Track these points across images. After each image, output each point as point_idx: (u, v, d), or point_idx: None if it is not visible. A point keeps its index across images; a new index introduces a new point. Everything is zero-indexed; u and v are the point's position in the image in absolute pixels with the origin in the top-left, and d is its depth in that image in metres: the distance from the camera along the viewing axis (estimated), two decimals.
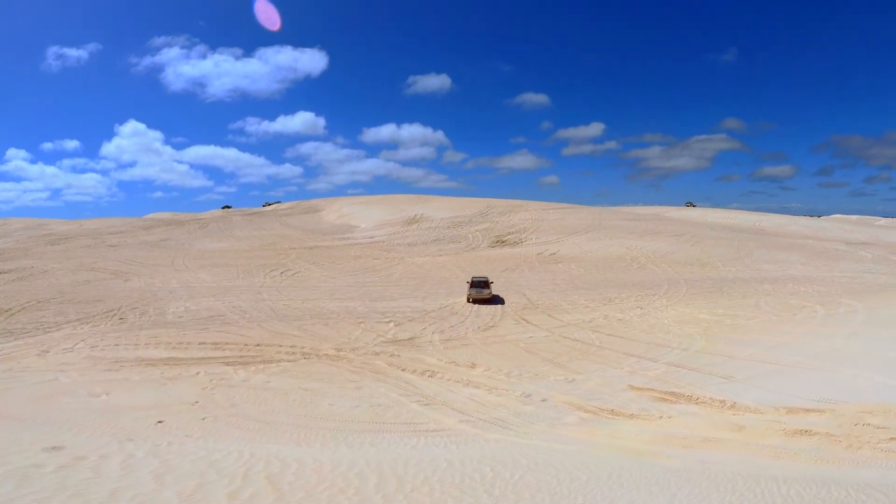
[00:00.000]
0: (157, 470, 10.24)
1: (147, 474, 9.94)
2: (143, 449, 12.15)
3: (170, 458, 11.16)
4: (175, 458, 11.24)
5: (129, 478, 9.75)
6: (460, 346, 26.65)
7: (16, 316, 33.38)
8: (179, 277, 45.40)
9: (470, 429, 15.59)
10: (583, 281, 44.35)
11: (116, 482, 9.44)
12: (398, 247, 61.24)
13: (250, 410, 16.77)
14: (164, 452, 11.78)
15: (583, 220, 71.25)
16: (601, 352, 25.45)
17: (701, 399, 18.79)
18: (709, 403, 18.37)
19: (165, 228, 74.39)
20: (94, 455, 11.29)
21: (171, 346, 26.52)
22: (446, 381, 20.73)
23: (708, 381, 20.72)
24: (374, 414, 16.76)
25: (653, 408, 18.17)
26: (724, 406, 18.02)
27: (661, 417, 17.23)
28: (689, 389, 19.76)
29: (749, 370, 21.73)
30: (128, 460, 10.93)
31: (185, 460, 11.03)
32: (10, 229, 72.10)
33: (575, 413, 17.61)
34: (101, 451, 11.69)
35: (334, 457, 11.41)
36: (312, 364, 23.47)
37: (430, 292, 40.11)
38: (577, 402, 18.53)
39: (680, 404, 18.59)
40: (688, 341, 26.50)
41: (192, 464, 10.82)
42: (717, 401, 18.43)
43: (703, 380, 20.86)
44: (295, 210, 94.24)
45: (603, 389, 20.10)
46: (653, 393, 19.68)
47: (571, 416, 17.27)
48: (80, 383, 19.83)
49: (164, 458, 11.28)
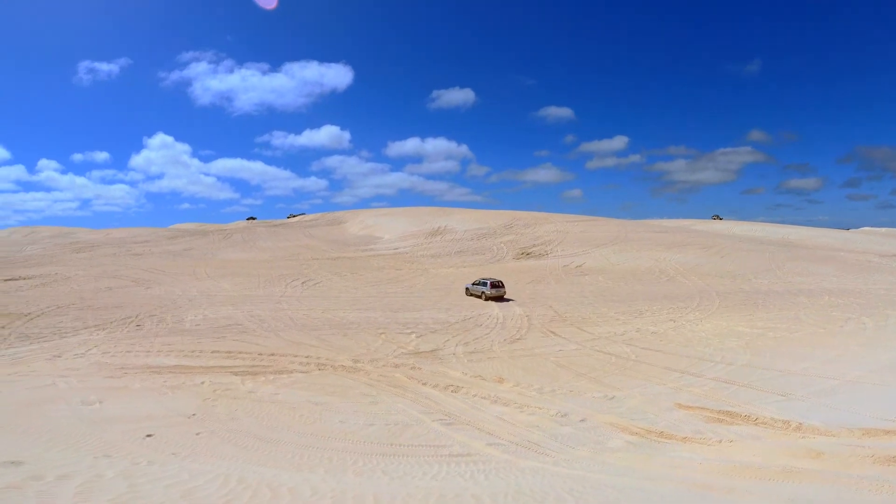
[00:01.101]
0: (118, 498, 8.19)
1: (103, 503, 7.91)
2: (116, 468, 10.13)
3: (141, 483, 9.12)
4: (147, 482, 9.20)
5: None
6: (486, 360, 24.37)
7: (35, 320, 32.13)
8: (200, 286, 43.96)
9: (500, 454, 13.26)
10: (611, 293, 42.02)
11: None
12: (422, 258, 59.30)
13: (251, 426, 14.65)
14: (138, 474, 9.74)
15: (608, 233, 68.78)
16: (639, 366, 23.01)
17: (761, 420, 16.32)
18: (770, 424, 15.97)
19: (190, 238, 73.55)
20: (53, 474, 9.30)
21: (183, 354, 24.77)
22: (472, 398, 18.42)
23: (764, 398, 18.29)
24: (390, 433, 14.48)
25: (707, 430, 15.72)
26: (789, 428, 15.59)
27: (720, 441, 14.76)
28: (745, 408, 17.28)
29: (808, 386, 19.35)
30: (90, 483, 8.91)
31: (158, 486, 8.98)
32: (39, 237, 72.10)
33: (619, 435, 15.21)
34: (65, 470, 9.71)
35: (338, 487, 9.25)
36: (326, 376, 21.37)
37: (454, 304, 37.99)
38: (620, 423, 16.13)
39: (737, 425, 16.11)
40: (731, 355, 24.07)
41: (164, 491, 8.76)
42: (780, 421, 16.03)
43: (758, 397, 18.42)
44: (319, 221, 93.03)
45: (647, 408, 17.68)
46: (704, 412, 17.21)
47: (616, 440, 14.87)
48: (77, 390, 17.99)
49: (135, 481, 9.25)
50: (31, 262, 52.94)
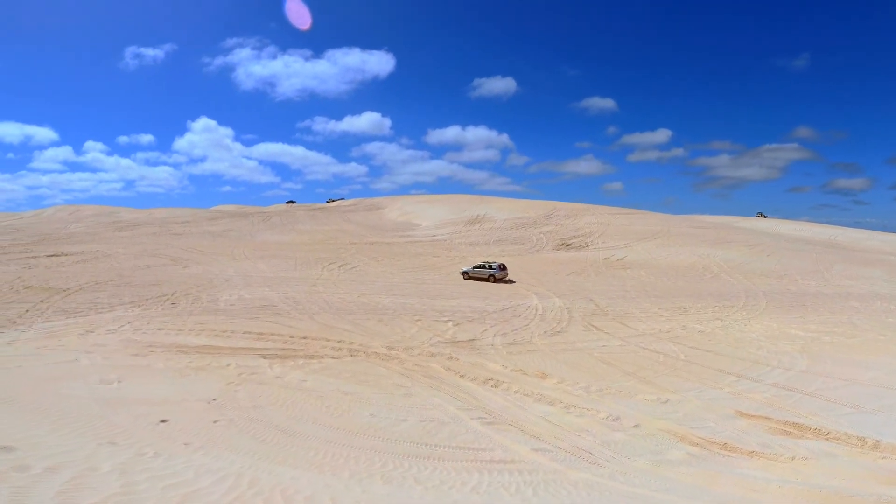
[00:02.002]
0: (104, 502, 6.89)
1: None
2: (115, 459, 8.89)
3: (137, 481, 7.82)
4: (145, 480, 7.90)
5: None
6: (526, 353, 22.69)
7: (73, 295, 31.87)
8: (237, 266, 43.40)
9: (547, 461, 11.61)
10: (653, 288, 39.81)
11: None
12: (460, 246, 57.73)
13: (274, 415, 13.34)
14: (138, 469, 8.46)
15: (651, 226, 65.95)
16: (689, 367, 21.03)
17: (833, 434, 14.32)
18: (844, 440, 13.98)
19: (230, 220, 73.53)
20: (43, 465, 8.10)
21: (214, 334, 23.82)
22: (513, 394, 16.78)
23: (831, 409, 16.24)
24: (425, 431, 12.96)
25: (775, 443, 13.79)
26: (865, 445, 13.60)
27: (792, 458, 12.83)
28: (812, 420, 15.26)
29: (880, 398, 17.21)
30: (79, 479, 7.66)
31: (156, 486, 7.66)
32: (83, 215, 73.07)
33: (678, 445, 13.40)
34: (59, 460, 8.50)
35: (363, 498, 7.81)
36: (359, 362, 20.03)
37: (492, 293, 36.37)
38: (677, 431, 14.31)
39: (807, 440, 14.13)
40: (788, 360, 21.88)
41: (160, 493, 7.43)
42: (854, 437, 14.03)
43: (825, 408, 16.36)
44: (358, 207, 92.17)
45: (705, 414, 15.79)
46: (769, 423, 15.23)
47: (676, 450, 13.08)
48: (99, 367, 17.06)
49: (132, 478, 7.96)
50: (74, 239, 53.33)
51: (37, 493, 7.06)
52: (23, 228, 63.69)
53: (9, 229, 62.32)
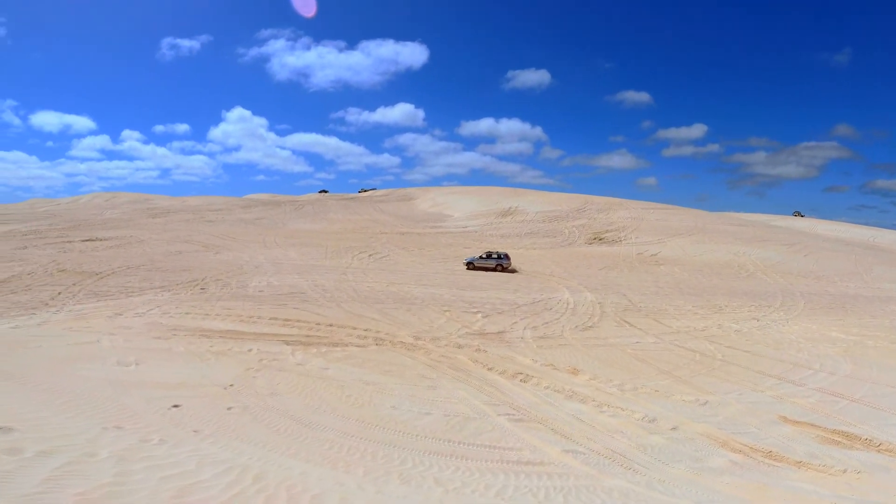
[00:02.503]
0: (91, 492, 6.25)
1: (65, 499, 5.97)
2: (116, 446, 8.30)
3: (133, 471, 7.19)
4: (142, 470, 7.26)
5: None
6: (557, 347, 21.71)
7: (105, 279, 32.07)
8: (268, 254, 43.30)
9: (579, 465, 10.67)
10: (688, 285, 38.31)
11: None
12: (491, 238, 56.71)
13: (291, 404, 12.68)
14: (137, 457, 7.85)
15: (685, 222, 63.82)
16: (727, 367, 19.79)
17: (885, 446, 13.16)
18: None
19: (262, 208, 73.79)
20: (36, 449, 7.53)
21: (240, 319, 23.47)
22: (543, 390, 15.82)
23: (881, 418, 14.99)
24: (449, 427, 12.13)
25: (823, 453, 12.61)
26: None
27: (844, 471, 11.67)
28: (862, 429, 14.02)
29: None
30: (71, 465, 7.06)
31: (152, 477, 7.01)
32: (119, 202, 74.31)
33: (720, 452, 12.32)
34: (56, 444, 7.94)
35: (376, 499, 7.01)
36: (384, 352, 19.34)
37: (522, 285, 35.37)
38: (718, 436, 13.20)
39: (857, 450, 12.93)
40: (830, 363, 20.45)
41: (155, 485, 6.77)
42: None
43: (874, 416, 15.10)
44: (389, 197, 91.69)
45: (747, 419, 14.63)
46: (815, 430, 14.02)
47: (717, 457, 12.00)
48: (119, 349, 16.72)
49: (129, 467, 7.34)
50: (109, 224, 54.01)
51: (21, 478, 6.47)
52: (60, 214, 64.99)
53: (46, 215, 63.66)
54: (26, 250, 39.09)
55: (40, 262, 35.12)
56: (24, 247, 40.57)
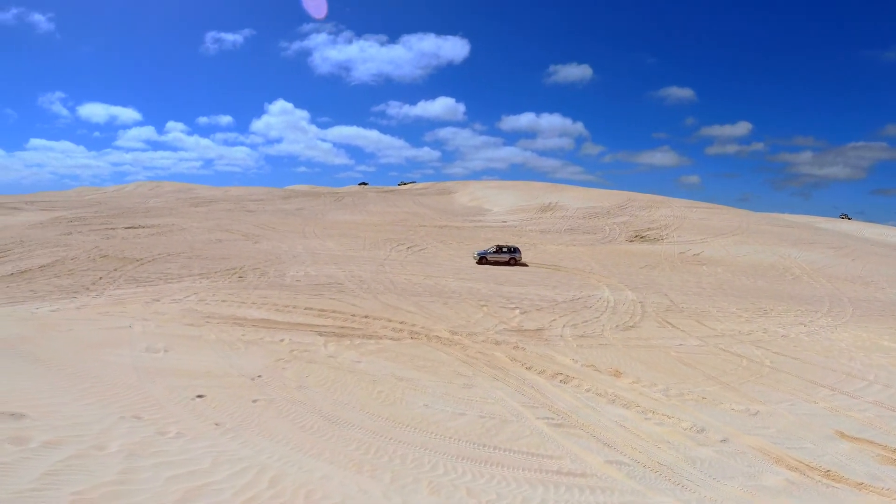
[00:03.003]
0: (90, 492, 5.68)
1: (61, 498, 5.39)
2: (130, 438, 7.78)
3: (142, 467, 6.61)
4: (150, 467, 6.68)
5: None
6: (597, 347, 20.65)
7: (146, 265, 32.41)
8: (306, 244, 43.24)
9: (623, 478, 9.69)
10: (731, 287, 36.55)
11: None
12: (530, 233, 55.52)
13: (319, 398, 12.04)
14: (148, 452, 7.29)
15: (729, 222, 61.32)
16: (777, 375, 18.37)
17: None
18: None
19: (302, 199, 74.12)
20: (43, 438, 7.05)
21: (275, 309, 23.17)
22: (584, 392, 14.82)
23: None
24: (484, 430, 11.27)
25: (885, 474, 11.30)
26: None
27: None
28: None
29: None
30: (76, 459, 6.52)
31: (160, 476, 6.42)
32: (162, 191, 75.73)
33: (774, 468, 11.16)
34: (66, 433, 7.46)
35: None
36: (419, 346, 18.63)
37: (562, 282, 34.24)
38: (772, 450, 12.02)
39: None
40: (886, 375, 18.77)
41: (161, 486, 6.16)
42: None
43: None
44: (429, 190, 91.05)
45: (801, 432, 13.35)
46: (875, 448, 12.63)
47: (771, 474, 10.85)
48: (150, 335, 16.45)
49: (136, 463, 6.77)
50: (152, 213, 54.90)
51: (19, 472, 5.96)
52: (105, 202, 66.55)
53: (92, 203, 65.24)
54: (71, 236, 39.91)
55: (84, 248, 35.74)
56: (69, 233, 41.46)
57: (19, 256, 33.25)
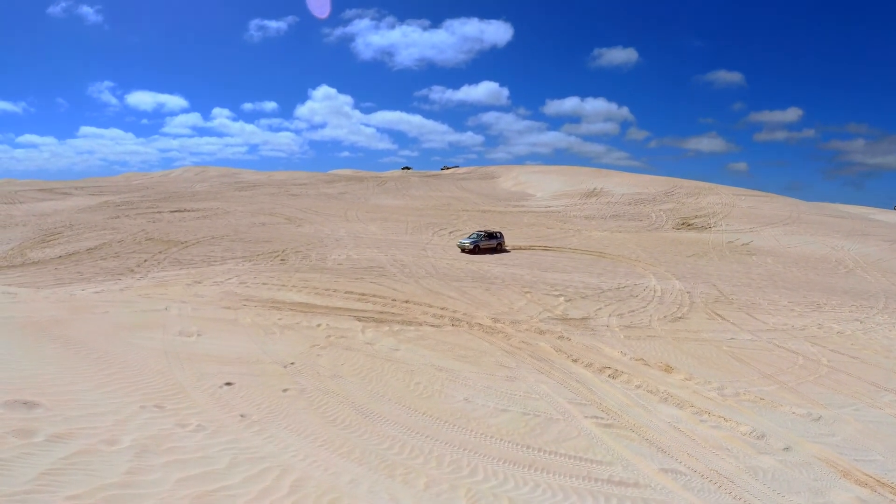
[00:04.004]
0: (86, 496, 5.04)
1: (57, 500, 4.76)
2: (145, 431, 7.18)
3: (152, 466, 5.97)
4: (162, 465, 6.04)
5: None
6: (645, 338, 19.41)
7: (190, 248, 32.63)
8: (349, 227, 42.96)
9: (680, 490, 8.60)
10: (782, 279, 34.41)
11: None
12: (574, 219, 53.88)
13: (353, 389, 11.34)
14: (164, 447, 6.66)
15: (779, 211, 58.23)
16: (836, 375, 16.75)
17: None
18: None
19: (346, 183, 74.03)
20: (51, 431, 6.50)
21: (315, 292, 22.72)
22: (634, 389, 13.70)
23: None
24: (528, 428, 10.33)
25: None
26: None
27: None
28: None
29: None
30: (81, 457, 5.92)
31: (171, 477, 5.76)
32: (208, 176, 76.77)
33: (843, 483, 9.87)
34: (78, 424, 6.91)
35: None
36: (460, 334, 17.80)
37: (607, 269, 32.87)
38: (838, 462, 10.69)
39: None
40: None
41: (170, 489, 5.50)
42: None
43: None
44: (472, 175, 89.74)
45: (869, 442, 11.92)
46: None
47: (841, 490, 9.58)
48: (185, 318, 16.09)
49: (147, 461, 6.13)
50: (198, 197, 55.59)
51: (16, 470, 5.38)
52: (152, 187, 67.86)
53: (139, 187, 66.61)
54: (118, 220, 40.60)
55: (130, 231, 36.26)
56: (117, 216, 42.21)
57: (68, 240, 33.92)
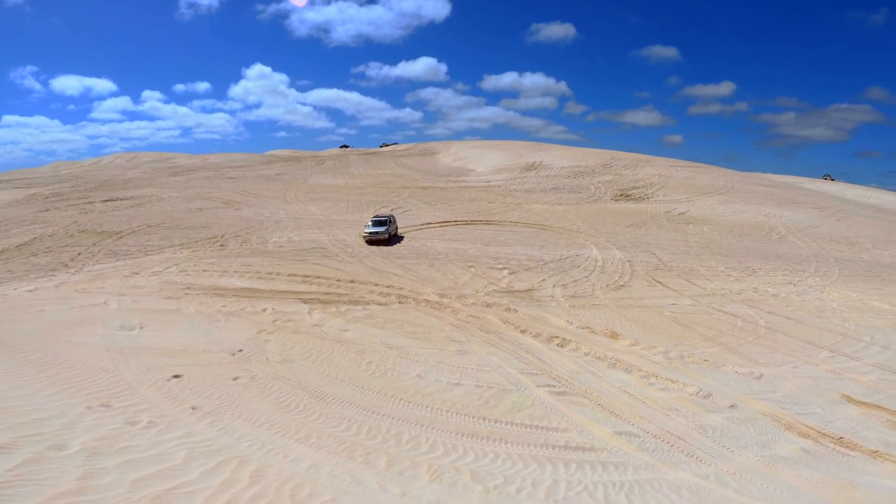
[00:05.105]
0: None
1: None
2: (94, 433, 6.88)
3: (105, 469, 5.74)
4: (116, 467, 5.81)
5: None
6: (590, 307, 19.99)
7: (125, 238, 31.06)
8: (288, 209, 41.91)
9: (634, 451, 9.06)
10: (718, 246, 36.14)
11: None
12: (515, 192, 54.42)
13: (304, 373, 11.21)
14: (115, 447, 6.40)
15: (714, 181, 60.76)
16: (773, 336, 17.83)
17: None
18: None
19: (283, 164, 71.99)
20: None
21: (258, 276, 22.17)
22: (583, 357, 14.15)
23: None
24: (482, 401, 10.52)
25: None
26: None
27: None
28: None
29: None
30: (29, 464, 5.62)
31: (126, 478, 5.56)
32: (140, 162, 73.17)
33: (787, 436, 10.59)
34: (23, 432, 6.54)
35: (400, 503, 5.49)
36: (408, 310, 17.83)
37: (549, 241, 33.50)
38: (782, 416, 11.46)
39: None
40: (881, 336, 18.27)
41: (125, 492, 5.32)
42: None
43: None
44: (411, 151, 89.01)
45: (808, 397, 12.81)
46: (883, 413, 12.10)
47: (786, 443, 10.28)
48: (125, 311, 15.42)
49: (100, 464, 5.89)
50: (131, 184, 52.86)
51: None
52: (82, 176, 64.00)
53: (69, 177, 62.72)
54: (48, 213, 38.19)
55: (61, 224, 34.22)
56: (46, 209, 39.67)
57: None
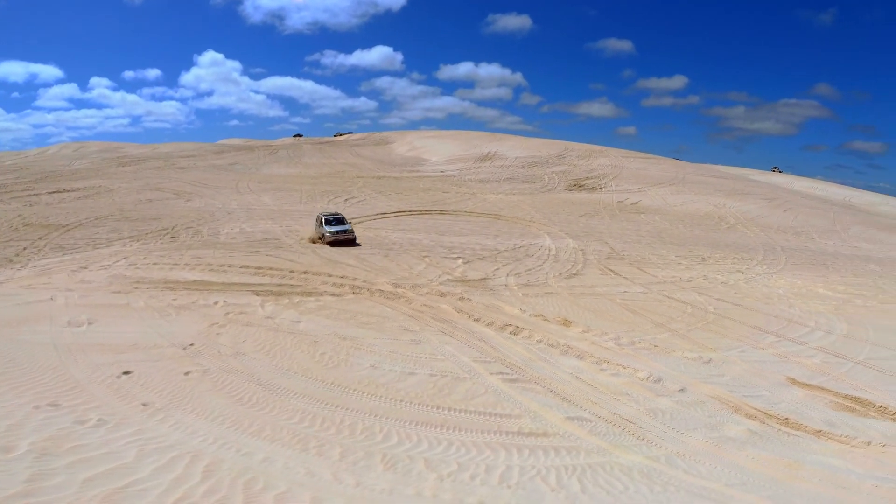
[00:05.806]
0: None
1: None
2: (43, 433, 6.71)
3: (54, 470, 5.63)
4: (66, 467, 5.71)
5: None
6: (543, 295, 20.41)
7: (71, 231, 29.77)
8: (241, 200, 41.01)
9: (586, 435, 9.38)
10: (669, 235, 37.36)
11: None
12: (469, 182, 54.73)
13: (257, 365, 11.13)
14: (64, 447, 6.27)
15: (665, 172, 62.56)
16: (721, 321, 18.61)
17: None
18: None
19: (235, 153, 70.24)
20: None
21: (210, 269, 21.67)
22: (536, 344, 14.48)
23: (890, 382, 13.74)
24: (436, 389, 10.67)
25: (840, 421, 11.33)
26: None
27: (868, 444, 10.38)
28: (873, 395, 12.69)
29: None
30: None
31: (76, 479, 5.47)
32: (88, 152, 70.08)
33: (735, 418, 11.10)
34: None
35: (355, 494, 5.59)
36: (361, 301, 17.81)
37: (503, 231, 33.95)
38: (729, 399, 12.01)
39: (873, 418, 11.59)
40: (824, 321, 19.22)
41: (75, 493, 5.24)
42: None
43: (882, 381, 13.81)
44: (366, 141, 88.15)
45: (755, 380, 13.44)
46: (826, 394, 12.79)
47: (733, 424, 10.79)
48: (73, 307, 14.90)
49: (49, 464, 5.77)
50: (77, 175, 50.66)
51: None
52: (27, 167, 60.91)
53: (12, 168, 59.59)
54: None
55: (5, 218, 32.52)
56: None
57: None
